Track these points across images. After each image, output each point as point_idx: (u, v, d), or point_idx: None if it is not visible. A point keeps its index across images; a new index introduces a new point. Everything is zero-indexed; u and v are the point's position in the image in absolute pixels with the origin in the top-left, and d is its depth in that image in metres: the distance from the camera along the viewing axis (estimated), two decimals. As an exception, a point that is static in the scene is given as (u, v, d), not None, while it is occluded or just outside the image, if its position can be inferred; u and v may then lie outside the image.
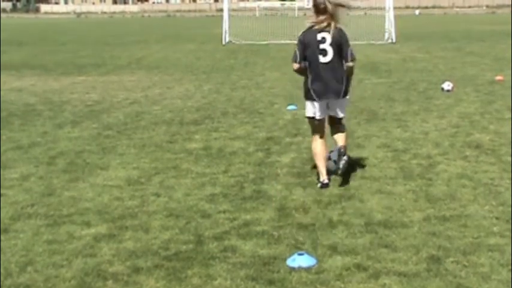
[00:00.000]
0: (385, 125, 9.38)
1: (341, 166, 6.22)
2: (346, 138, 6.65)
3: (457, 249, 4.70)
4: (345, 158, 6.27)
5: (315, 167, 6.67)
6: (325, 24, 6.29)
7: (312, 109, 6.53)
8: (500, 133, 8.68)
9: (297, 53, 6.44)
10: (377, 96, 12.21)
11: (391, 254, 4.64)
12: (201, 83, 14.65)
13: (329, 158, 6.55)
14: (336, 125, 6.64)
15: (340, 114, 6.58)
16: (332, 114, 6.57)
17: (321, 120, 6.57)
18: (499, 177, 6.55)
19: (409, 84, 13.76)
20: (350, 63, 6.40)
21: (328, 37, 6.31)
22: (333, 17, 6.29)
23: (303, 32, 6.51)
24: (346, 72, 6.44)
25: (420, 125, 9.34)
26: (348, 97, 6.58)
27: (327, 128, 6.68)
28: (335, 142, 6.56)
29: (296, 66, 6.49)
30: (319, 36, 6.33)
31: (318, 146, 6.54)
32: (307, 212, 5.59)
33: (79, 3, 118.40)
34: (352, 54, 6.39)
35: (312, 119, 6.58)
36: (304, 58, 6.42)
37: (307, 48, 6.38)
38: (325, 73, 6.36)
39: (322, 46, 6.32)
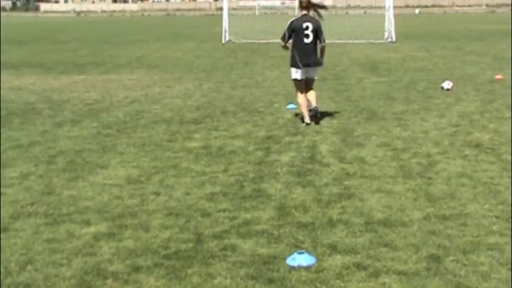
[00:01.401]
0: (384, 124, 9.38)
1: (318, 118, 9.36)
2: (316, 97, 9.56)
3: (456, 248, 4.70)
4: (319, 114, 9.39)
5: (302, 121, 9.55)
6: (308, 16, 9.34)
7: (296, 73, 9.53)
8: (500, 132, 8.68)
9: (286, 34, 9.50)
10: (377, 95, 12.22)
11: (391, 253, 4.64)
12: (201, 82, 14.65)
13: (310, 111, 9.48)
14: (309, 87, 9.61)
15: (315, 77, 9.67)
16: (309, 76, 9.57)
17: (302, 81, 9.54)
18: (498, 176, 6.55)
19: (409, 83, 13.76)
20: (323, 44, 9.52)
21: (311, 25, 9.30)
22: (310, 10, 9.36)
23: (292, 20, 9.52)
24: (321, 50, 9.53)
25: (420, 124, 9.34)
26: (321, 66, 9.68)
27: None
28: (309, 102, 9.54)
29: (282, 43, 9.69)
30: (304, 25, 9.31)
31: (302, 100, 9.53)
32: (307, 210, 5.59)
33: (79, 2, 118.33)
34: (323, 38, 9.44)
35: (296, 80, 9.59)
36: (289, 39, 9.48)
37: (294, 32, 9.37)
38: (307, 50, 9.39)
39: (306, 32, 9.30)
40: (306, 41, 9.30)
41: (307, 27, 9.26)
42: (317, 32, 9.29)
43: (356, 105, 11.02)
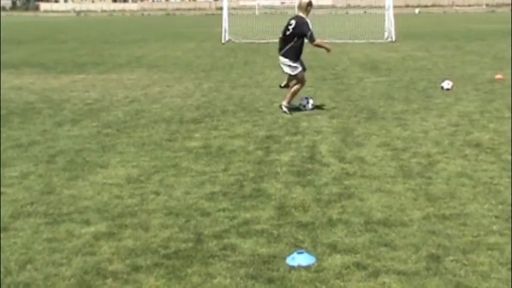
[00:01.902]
0: (384, 123, 9.38)
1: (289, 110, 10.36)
2: (292, 93, 10.53)
3: (456, 247, 4.70)
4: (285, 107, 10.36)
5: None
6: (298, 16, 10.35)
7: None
8: (499, 132, 8.68)
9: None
10: (377, 95, 12.21)
11: (391, 252, 4.64)
12: (201, 82, 14.65)
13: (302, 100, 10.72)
14: (289, 82, 10.79)
15: (287, 71, 10.53)
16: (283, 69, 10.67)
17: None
18: (498, 176, 6.56)
19: (409, 83, 13.76)
20: (314, 42, 10.31)
21: (293, 22, 10.29)
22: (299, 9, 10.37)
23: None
24: (316, 45, 10.48)
25: (420, 123, 9.34)
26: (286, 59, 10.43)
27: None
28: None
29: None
30: (290, 21, 10.37)
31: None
32: (307, 210, 5.59)
33: (79, 2, 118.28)
34: (311, 36, 10.15)
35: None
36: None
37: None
38: (283, 42, 10.35)
39: (289, 27, 10.31)
40: (286, 33, 10.37)
41: (290, 24, 10.33)
42: (296, 29, 10.16)
43: (356, 105, 11.02)
